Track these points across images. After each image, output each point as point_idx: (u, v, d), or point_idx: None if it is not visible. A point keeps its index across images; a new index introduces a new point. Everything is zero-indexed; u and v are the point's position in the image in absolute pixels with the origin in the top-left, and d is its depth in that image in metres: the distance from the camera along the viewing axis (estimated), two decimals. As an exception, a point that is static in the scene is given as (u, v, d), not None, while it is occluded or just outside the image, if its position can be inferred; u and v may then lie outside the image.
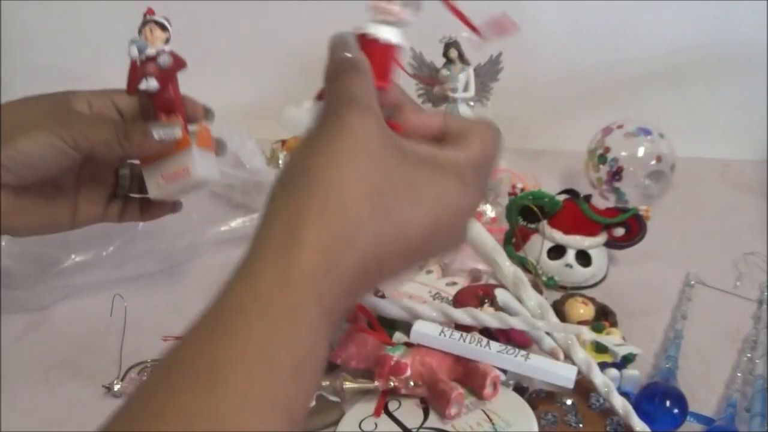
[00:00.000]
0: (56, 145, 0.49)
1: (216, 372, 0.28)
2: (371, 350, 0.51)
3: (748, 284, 0.65)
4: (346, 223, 0.32)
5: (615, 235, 0.65)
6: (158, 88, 0.53)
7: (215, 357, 0.29)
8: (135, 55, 0.54)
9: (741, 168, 0.88)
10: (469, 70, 0.75)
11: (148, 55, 0.54)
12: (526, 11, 0.87)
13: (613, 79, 0.89)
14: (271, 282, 0.31)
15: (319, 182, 0.32)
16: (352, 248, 0.32)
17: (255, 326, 0.30)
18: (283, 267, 0.31)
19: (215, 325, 0.30)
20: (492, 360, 0.50)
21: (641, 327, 0.60)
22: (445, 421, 0.48)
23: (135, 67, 0.55)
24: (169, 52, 0.54)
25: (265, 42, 0.94)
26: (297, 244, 0.31)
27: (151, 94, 0.54)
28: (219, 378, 0.28)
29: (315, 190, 0.32)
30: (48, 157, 0.49)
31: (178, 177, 0.52)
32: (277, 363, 0.29)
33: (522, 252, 0.67)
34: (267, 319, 0.30)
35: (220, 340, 0.29)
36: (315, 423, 0.49)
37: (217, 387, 0.28)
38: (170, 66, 0.54)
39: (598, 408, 0.49)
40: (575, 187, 0.69)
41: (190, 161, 0.52)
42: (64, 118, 0.50)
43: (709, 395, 0.53)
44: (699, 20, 0.85)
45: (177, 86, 0.55)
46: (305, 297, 0.31)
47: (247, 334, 0.29)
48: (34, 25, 0.96)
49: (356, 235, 0.32)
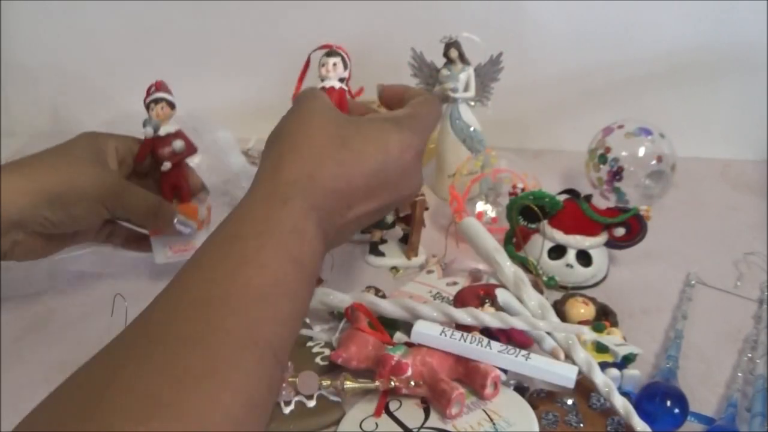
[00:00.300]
0: (102, 214, 0.57)
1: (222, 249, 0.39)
2: (372, 350, 0.51)
3: (748, 284, 0.65)
4: (314, 152, 0.44)
5: (615, 235, 0.65)
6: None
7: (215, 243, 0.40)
8: (150, 134, 0.60)
9: (741, 168, 0.88)
10: (470, 70, 0.76)
11: (162, 135, 0.60)
12: (526, 11, 0.87)
13: (613, 79, 0.89)
14: (263, 192, 0.43)
15: (289, 134, 0.46)
16: (321, 166, 0.44)
17: (249, 228, 0.40)
18: (270, 183, 0.43)
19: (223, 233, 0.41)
20: (493, 360, 0.50)
21: (642, 327, 0.60)
22: (446, 420, 0.48)
23: (147, 142, 0.61)
24: (182, 135, 0.61)
25: (265, 42, 0.94)
26: (279, 169, 0.43)
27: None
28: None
29: (288, 139, 0.45)
30: (91, 221, 0.58)
31: (184, 252, 0.63)
32: (274, 241, 0.40)
33: (522, 252, 0.67)
34: (259, 216, 0.41)
35: (223, 237, 0.40)
36: (315, 423, 0.49)
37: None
38: (183, 151, 0.61)
39: (599, 408, 0.49)
40: (576, 187, 0.69)
41: (197, 241, 0.63)
42: (115, 190, 0.56)
43: (710, 395, 0.53)
44: (699, 20, 0.85)
45: (185, 170, 0.63)
46: (291, 193, 0.42)
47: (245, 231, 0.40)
48: (34, 25, 0.96)
49: (323, 157, 0.44)
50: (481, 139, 0.77)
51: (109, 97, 0.90)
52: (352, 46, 0.89)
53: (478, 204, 0.75)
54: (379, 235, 0.70)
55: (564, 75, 0.90)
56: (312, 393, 0.50)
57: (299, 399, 0.50)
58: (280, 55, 0.94)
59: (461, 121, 0.76)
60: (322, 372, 0.52)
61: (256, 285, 0.37)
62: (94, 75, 0.96)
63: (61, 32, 0.96)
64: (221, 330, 0.34)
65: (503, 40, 0.77)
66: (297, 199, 0.42)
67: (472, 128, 0.77)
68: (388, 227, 0.69)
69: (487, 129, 0.78)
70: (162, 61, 0.96)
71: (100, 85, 0.95)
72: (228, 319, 0.35)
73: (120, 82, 0.96)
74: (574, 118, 0.91)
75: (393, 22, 0.89)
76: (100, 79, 0.96)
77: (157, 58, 0.96)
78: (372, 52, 0.91)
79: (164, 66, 0.96)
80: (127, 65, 0.96)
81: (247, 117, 0.86)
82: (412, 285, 0.65)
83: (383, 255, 0.69)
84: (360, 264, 0.70)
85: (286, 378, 0.49)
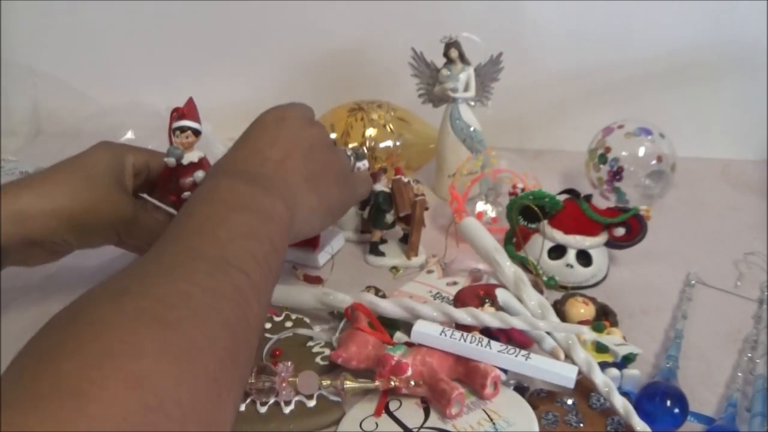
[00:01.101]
0: (115, 239, 0.59)
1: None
2: (372, 350, 0.51)
3: (748, 284, 0.65)
4: (263, 132, 0.53)
5: (615, 235, 0.65)
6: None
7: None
8: (172, 165, 0.58)
9: (741, 168, 0.88)
10: (470, 70, 0.76)
11: (185, 164, 0.58)
12: (526, 11, 0.87)
13: (613, 79, 0.89)
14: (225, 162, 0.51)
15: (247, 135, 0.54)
16: (273, 141, 0.52)
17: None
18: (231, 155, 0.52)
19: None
20: (493, 360, 0.50)
21: (642, 327, 0.60)
22: (446, 420, 0.48)
23: (168, 170, 0.59)
24: (205, 165, 0.59)
25: (265, 42, 0.94)
26: (234, 149, 0.52)
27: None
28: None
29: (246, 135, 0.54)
30: (105, 243, 0.60)
31: None
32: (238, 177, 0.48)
33: (522, 252, 0.67)
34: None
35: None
36: (315, 423, 0.49)
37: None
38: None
39: (599, 408, 0.49)
40: (576, 186, 0.69)
41: None
42: (132, 219, 0.58)
43: (710, 395, 0.53)
44: (699, 20, 0.85)
45: None
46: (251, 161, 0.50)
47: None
48: (34, 25, 0.96)
49: (271, 137, 0.52)
50: (481, 139, 0.77)
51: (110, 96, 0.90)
52: (352, 46, 0.90)
53: (478, 204, 0.75)
54: (379, 235, 0.70)
55: (564, 75, 0.90)
56: (312, 393, 0.50)
57: (299, 399, 0.50)
58: (279, 56, 0.95)
59: (461, 121, 0.76)
60: (322, 372, 0.52)
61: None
62: (94, 75, 0.96)
63: (61, 32, 0.97)
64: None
65: (503, 40, 0.77)
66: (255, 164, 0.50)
67: (472, 128, 0.77)
68: (388, 227, 0.69)
69: (487, 129, 0.78)
70: (162, 60, 0.96)
71: (101, 84, 0.95)
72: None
73: (119, 82, 0.96)
74: (574, 118, 0.91)
75: (393, 22, 0.89)
76: (100, 79, 0.96)
77: (157, 58, 0.96)
78: (372, 52, 0.91)
79: (164, 66, 0.97)
80: (127, 65, 0.96)
81: (248, 117, 0.86)
82: (412, 285, 0.65)
83: (383, 255, 0.69)
84: (360, 264, 0.70)
85: (284, 379, 0.49)
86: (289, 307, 0.59)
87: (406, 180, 0.69)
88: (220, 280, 0.39)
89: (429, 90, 0.78)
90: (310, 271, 0.67)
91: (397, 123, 0.83)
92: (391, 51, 0.82)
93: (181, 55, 0.95)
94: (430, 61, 0.77)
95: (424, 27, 0.79)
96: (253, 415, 0.49)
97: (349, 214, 0.72)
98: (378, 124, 0.81)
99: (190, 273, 0.38)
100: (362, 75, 0.92)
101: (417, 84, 0.78)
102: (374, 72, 0.91)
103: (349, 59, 0.91)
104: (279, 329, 0.57)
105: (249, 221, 0.44)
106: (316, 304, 0.58)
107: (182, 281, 0.37)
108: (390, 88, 0.86)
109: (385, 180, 0.69)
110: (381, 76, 0.91)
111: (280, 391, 0.49)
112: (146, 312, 0.33)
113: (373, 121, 0.81)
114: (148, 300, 0.34)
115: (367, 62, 0.92)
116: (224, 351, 0.35)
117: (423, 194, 0.68)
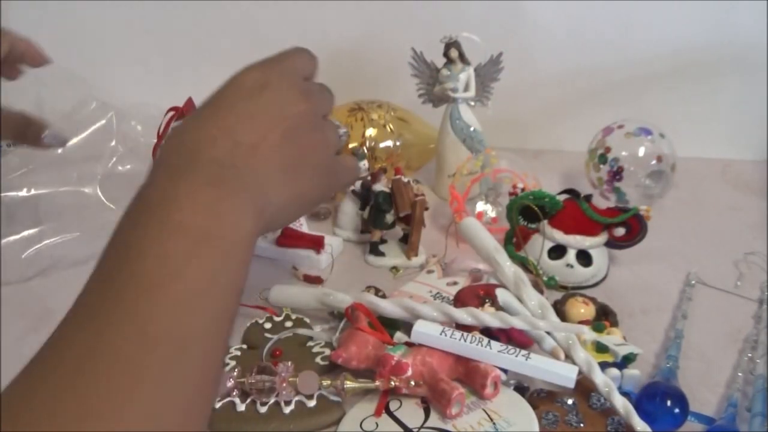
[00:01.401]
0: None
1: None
2: (372, 350, 0.51)
3: (748, 284, 0.65)
4: (238, 102, 0.45)
5: (615, 235, 0.65)
6: None
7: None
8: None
9: (741, 168, 0.88)
10: (470, 70, 0.76)
11: None
12: (526, 11, 0.87)
13: (613, 79, 0.89)
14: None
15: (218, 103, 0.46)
16: (249, 115, 0.44)
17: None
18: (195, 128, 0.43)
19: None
20: (493, 360, 0.50)
21: (642, 327, 0.60)
22: (446, 420, 0.48)
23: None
24: None
25: (265, 42, 0.93)
26: (201, 119, 0.44)
27: None
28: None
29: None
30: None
31: None
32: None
33: (523, 252, 0.67)
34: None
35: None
36: (315, 423, 0.49)
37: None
38: None
39: (599, 408, 0.49)
40: (576, 186, 0.69)
41: None
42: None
43: (710, 395, 0.53)
44: (699, 20, 0.85)
45: None
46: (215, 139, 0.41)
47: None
48: (34, 25, 0.96)
49: (247, 110, 0.44)
50: (481, 139, 0.77)
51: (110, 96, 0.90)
52: (351, 46, 0.90)
53: (478, 204, 0.75)
54: (379, 235, 0.70)
55: (564, 75, 0.90)
56: (312, 393, 0.50)
57: (299, 399, 0.50)
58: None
59: (461, 121, 0.76)
60: (322, 372, 0.52)
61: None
62: (94, 75, 0.96)
63: (60, 32, 0.96)
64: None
65: (503, 40, 0.77)
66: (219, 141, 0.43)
67: (472, 128, 0.77)
68: (388, 227, 0.69)
69: (487, 129, 0.78)
70: (162, 60, 0.96)
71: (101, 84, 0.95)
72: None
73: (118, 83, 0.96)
74: (574, 118, 0.91)
75: (393, 22, 0.89)
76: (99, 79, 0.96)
77: (157, 58, 0.96)
78: (372, 52, 0.91)
79: (164, 65, 0.96)
80: (127, 65, 0.96)
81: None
82: (412, 285, 0.64)
83: (383, 255, 0.69)
84: (360, 264, 0.70)
85: (284, 379, 0.49)
86: (289, 307, 0.59)
87: (406, 180, 0.69)
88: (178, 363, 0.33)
89: (429, 90, 0.78)
90: (310, 271, 0.67)
91: (397, 123, 0.83)
92: (391, 51, 0.82)
93: (181, 55, 0.95)
94: (430, 61, 0.77)
95: (424, 27, 0.79)
96: (253, 415, 0.49)
97: (349, 214, 0.72)
98: (378, 124, 0.81)
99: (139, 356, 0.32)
100: (362, 75, 0.92)
101: (417, 84, 0.78)
102: (374, 72, 0.91)
103: (349, 59, 0.91)
104: (279, 329, 0.57)
105: (207, 266, 0.35)
106: (316, 304, 0.58)
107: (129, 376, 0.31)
108: (390, 88, 0.86)
109: (385, 180, 0.69)
110: (381, 76, 0.91)
111: (280, 391, 0.49)
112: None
113: (373, 121, 0.81)
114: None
115: (367, 62, 0.92)
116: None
117: (423, 194, 0.68)
